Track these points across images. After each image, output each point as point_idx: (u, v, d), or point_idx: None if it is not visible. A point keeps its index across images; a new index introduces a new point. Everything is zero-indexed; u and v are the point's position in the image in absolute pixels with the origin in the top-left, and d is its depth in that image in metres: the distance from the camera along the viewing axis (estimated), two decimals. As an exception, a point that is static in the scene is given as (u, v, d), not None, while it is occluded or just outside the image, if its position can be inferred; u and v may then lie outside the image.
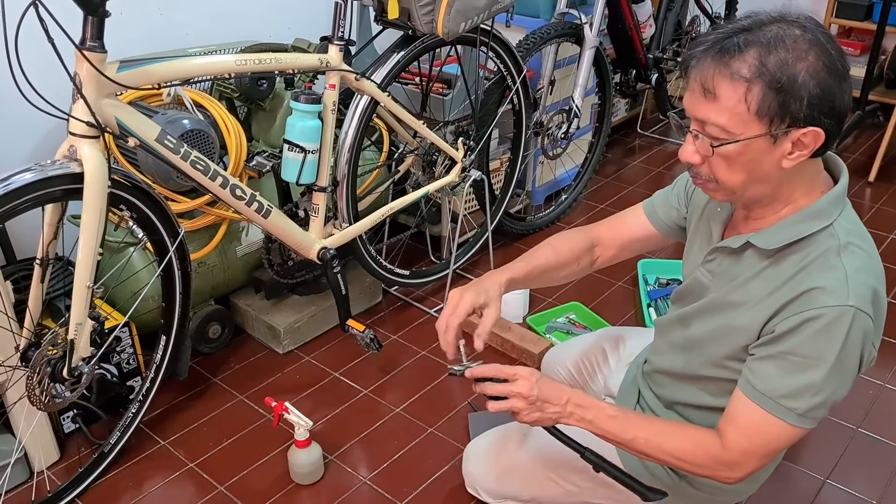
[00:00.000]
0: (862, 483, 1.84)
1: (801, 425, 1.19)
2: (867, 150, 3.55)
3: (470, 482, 1.72)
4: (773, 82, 1.07)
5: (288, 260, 2.24)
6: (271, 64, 1.82)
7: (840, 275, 1.14)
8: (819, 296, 1.14)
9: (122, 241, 2.01)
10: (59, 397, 1.66)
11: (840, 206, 1.21)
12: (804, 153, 1.12)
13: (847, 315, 1.13)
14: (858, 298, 1.13)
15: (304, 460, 1.84)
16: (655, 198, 1.56)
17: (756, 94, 1.08)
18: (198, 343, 2.21)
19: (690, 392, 1.41)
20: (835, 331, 1.13)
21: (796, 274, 1.18)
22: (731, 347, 1.28)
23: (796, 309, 1.16)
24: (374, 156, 2.43)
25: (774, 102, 1.08)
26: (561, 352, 1.96)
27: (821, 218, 1.19)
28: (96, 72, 1.49)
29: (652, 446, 1.29)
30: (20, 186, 1.45)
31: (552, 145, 2.82)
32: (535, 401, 1.29)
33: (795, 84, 1.07)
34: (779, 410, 1.18)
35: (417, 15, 2.03)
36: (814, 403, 1.17)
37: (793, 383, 1.17)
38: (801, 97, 1.07)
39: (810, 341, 1.15)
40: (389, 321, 2.46)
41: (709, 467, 1.26)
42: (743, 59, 1.08)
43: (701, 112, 1.13)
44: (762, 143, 1.11)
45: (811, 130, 1.09)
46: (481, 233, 2.69)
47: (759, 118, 1.09)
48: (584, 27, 2.71)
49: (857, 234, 1.21)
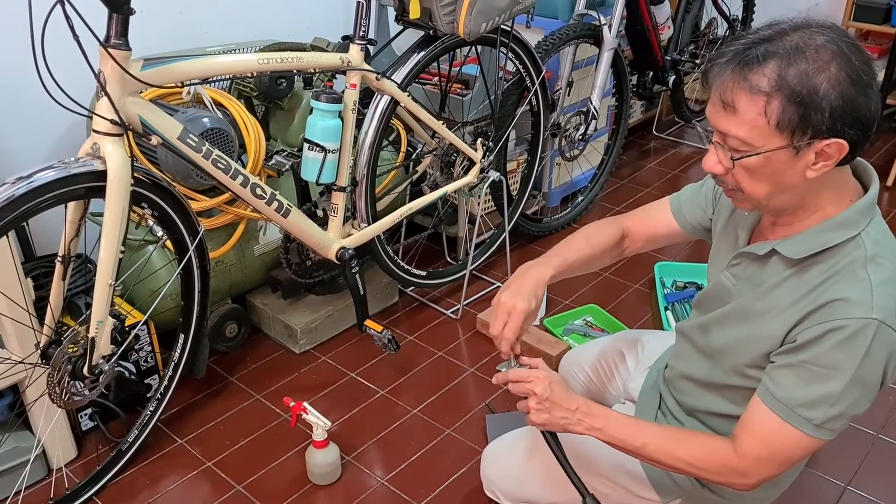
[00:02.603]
0: (883, 489, 1.82)
1: (818, 436, 1.18)
2: (885, 154, 3.52)
3: (488, 485, 1.71)
4: (793, 95, 1.05)
5: (306, 259, 2.24)
6: (293, 63, 1.81)
7: (865, 286, 1.13)
8: (843, 307, 1.12)
9: (142, 239, 2.01)
10: (78, 395, 1.66)
11: (869, 215, 1.19)
12: (829, 163, 1.10)
13: (870, 328, 1.11)
14: (883, 311, 1.11)
15: (321, 461, 1.83)
16: (682, 194, 1.54)
17: (776, 108, 1.06)
18: (215, 342, 2.21)
19: (713, 400, 1.40)
20: (856, 343, 1.12)
21: (821, 284, 1.17)
22: (752, 356, 1.26)
23: (819, 319, 1.14)
24: (392, 156, 2.42)
25: (795, 115, 1.06)
26: (578, 355, 1.95)
27: (849, 227, 1.17)
28: (121, 69, 1.48)
29: (663, 453, 1.28)
30: (43, 184, 1.45)
31: (569, 147, 2.81)
32: (545, 401, 1.31)
33: (816, 96, 1.05)
34: (795, 419, 1.17)
35: (439, 15, 2.03)
36: (831, 415, 1.16)
37: (811, 393, 1.16)
38: (822, 109, 1.05)
39: (831, 352, 1.13)
40: (405, 322, 2.46)
41: (722, 474, 1.24)
42: (762, 73, 1.07)
43: (721, 125, 1.12)
44: (784, 154, 1.10)
45: (834, 142, 1.07)
46: (498, 234, 2.69)
47: (780, 131, 1.08)
48: (602, 29, 2.70)
49: (885, 244, 1.19)
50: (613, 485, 1.49)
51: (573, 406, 1.31)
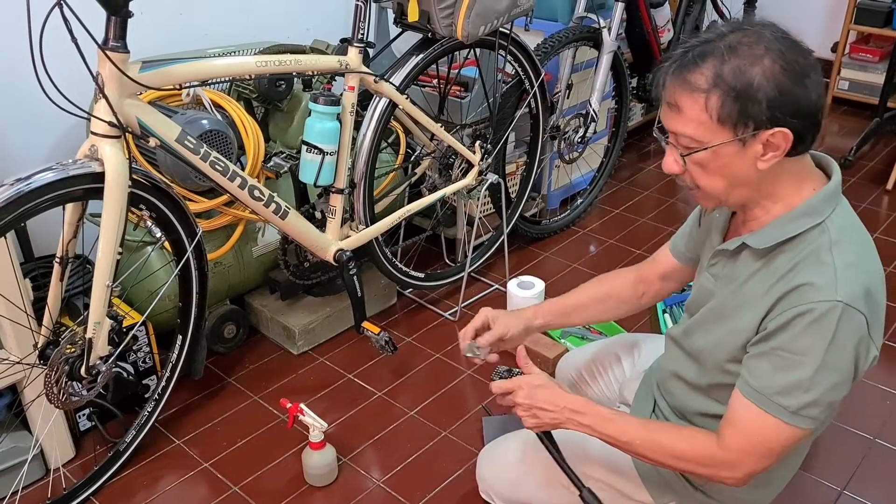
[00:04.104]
0: (879, 494, 1.82)
1: (796, 424, 1.19)
2: (885, 158, 3.52)
3: (483, 487, 1.72)
4: (729, 90, 1.11)
5: (304, 261, 2.24)
6: (291, 65, 1.82)
7: (830, 271, 1.16)
8: (809, 292, 1.15)
9: (140, 240, 2.01)
10: (76, 395, 1.67)
11: (833, 202, 1.22)
12: (777, 154, 1.15)
13: (835, 311, 1.13)
14: (848, 295, 1.14)
15: (318, 462, 1.84)
16: (677, 233, 1.61)
17: (715, 103, 1.12)
18: (213, 343, 2.21)
19: (701, 402, 1.41)
20: (822, 326, 1.14)
21: (789, 271, 1.20)
22: (731, 350, 1.29)
23: (787, 305, 1.17)
24: (390, 158, 2.43)
25: (734, 109, 1.12)
26: (575, 358, 1.96)
27: (813, 215, 1.20)
28: (119, 72, 1.49)
29: (649, 448, 1.30)
30: (42, 185, 1.46)
31: (568, 149, 2.82)
32: (530, 408, 1.36)
33: (752, 89, 1.10)
34: (771, 407, 1.19)
35: (437, 18, 2.03)
36: (805, 401, 1.17)
37: (784, 380, 1.18)
38: (759, 101, 1.11)
39: (799, 337, 1.16)
40: (403, 323, 2.46)
41: (708, 466, 1.26)
42: (700, 72, 1.13)
43: (671, 125, 1.19)
44: (731, 148, 1.15)
45: (778, 131, 1.12)
46: (496, 236, 2.69)
47: (723, 125, 1.13)
48: (602, 31, 2.70)
49: (850, 230, 1.22)
50: (607, 487, 1.49)
51: (560, 405, 1.35)
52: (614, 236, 2.95)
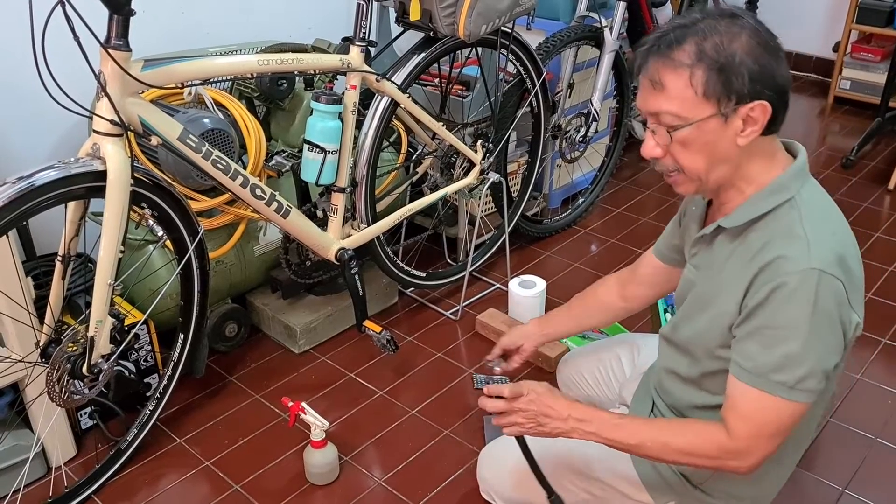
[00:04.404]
0: (881, 493, 1.82)
1: (795, 398, 1.20)
2: (886, 158, 3.52)
3: (485, 488, 1.72)
4: (713, 64, 1.15)
5: (305, 260, 2.24)
6: (293, 64, 1.82)
7: (802, 241, 1.18)
8: (783, 264, 1.18)
9: (141, 238, 2.01)
10: (77, 394, 1.67)
11: (801, 179, 1.25)
12: (756, 128, 1.18)
13: (811, 277, 1.15)
14: (821, 261, 1.16)
15: (319, 461, 1.84)
16: (659, 238, 1.64)
17: (700, 77, 1.16)
18: (214, 341, 2.21)
19: (696, 395, 1.42)
20: (802, 295, 1.16)
21: (762, 248, 1.22)
22: (719, 335, 1.30)
23: (764, 280, 1.19)
24: (392, 157, 2.43)
25: (718, 82, 1.15)
26: (577, 358, 1.96)
27: (782, 192, 1.23)
28: (121, 70, 1.49)
29: (659, 447, 1.30)
30: (44, 184, 1.46)
31: (570, 148, 2.81)
32: (535, 416, 1.34)
33: (734, 62, 1.15)
34: (769, 386, 1.20)
35: (439, 17, 2.03)
36: (800, 374, 1.18)
37: (775, 356, 1.19)
38: (741, 73, 1.15)
39: (781, 310, 1.18)
40: (405, 322, 2.46)
41: (719, 458, 1.26)
42: (682, 49, 1.17)
43: (653, 104, 1.21)
44: (714, 123, 1.18)
45: (758, 104, 1.16)
46: (498, 235, 2.69)
47: (707, 99, 1.16)
48: (603, 31, 2.70)
49: (819, 204, 1.25)
50: (608, 488, 1.50)
51: (564, 414, 1.34)
52: (616, 235, 2.95)
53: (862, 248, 2.83)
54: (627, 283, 1.73)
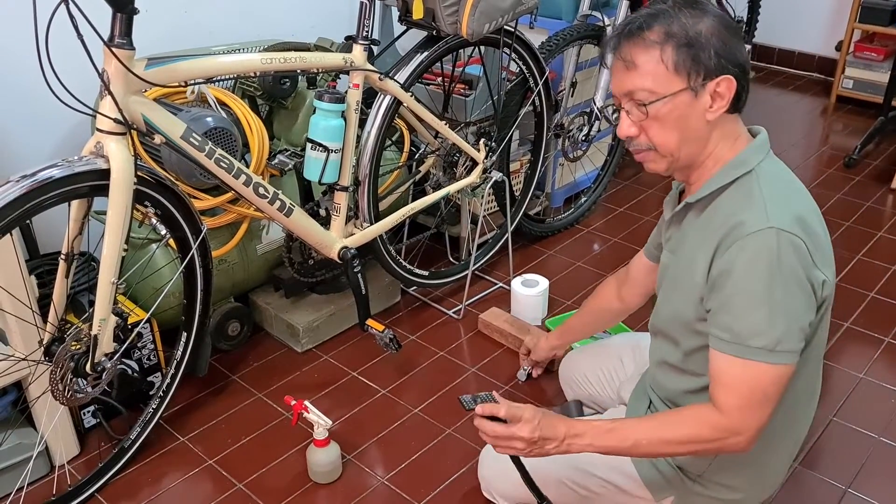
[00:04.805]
0: (884, 492, 1.82)
1: (778, 361, 1.22)
2: (889, 157, 3.51)
3: (486, 486, 1.73)
4: (681, 40, 1.23)
5: (308, 259, 2.24)
6: (296, 63, 1.82)
7: (759, 204, 1.24)
8: (742, 227, 1.22)
9: (145, 237, 2.02)
10: (81, 392, 1.67)
11: (761, 153, 1.31)
12: (723, 104, 1.26)
13: (769, 236, 1.20)
14: (779, 220, 1.21)
15: (322, 459, 1.84)
16: (650, 236, 1.70)
17: (670, 54, 1.24)
18: (217, 340, 2.21)
19: (684, 380, 1.43)
20: (763, 255, 1.20)
21: (724, 216, 1.27)
22: (693, 308, 1.33)
23: (727, 244, 1.24)
24: (394, 156, 2.43)
25: (687, 57, 1.23)
26: (579, 357, 1.97)
27: (743, 166, 1.29)
28: (124, 69, 1.49)
29: (655, 443, 1.31)
30: (47, 182, 1.46)
31: (573, 148, 2.81)
32: (537, 441, 1.34)
33: (701, 38, 1.23)
34: (750, 353, 1.22)
35: (442, 15, 2.03)
36: (777, 335, 1.20)
37: (750, 321, 1.21)
38: (707, 49, 1.23)
39: (746, 274, 1.21)
40: (407, 321, 2.46)
41: (717, 439, 1.27)
42: (651, 30, 1.25)
43: (627, 83, 1.27)
44: (685, 97, 1.25)
45: (724, 79, 1.24)
46: (500, 234, 2.69)
47: (678, 73, 1.24)
48: (606, 29, 2.70)
49: (777, 174, 1.31)
50: (607, 484, 1.50)
51: (560, 435, 1.35)
52: (618, 234, 2.95)
53: (864, 248, 2.85)
54: (622, 283, 1.79)
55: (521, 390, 2.16)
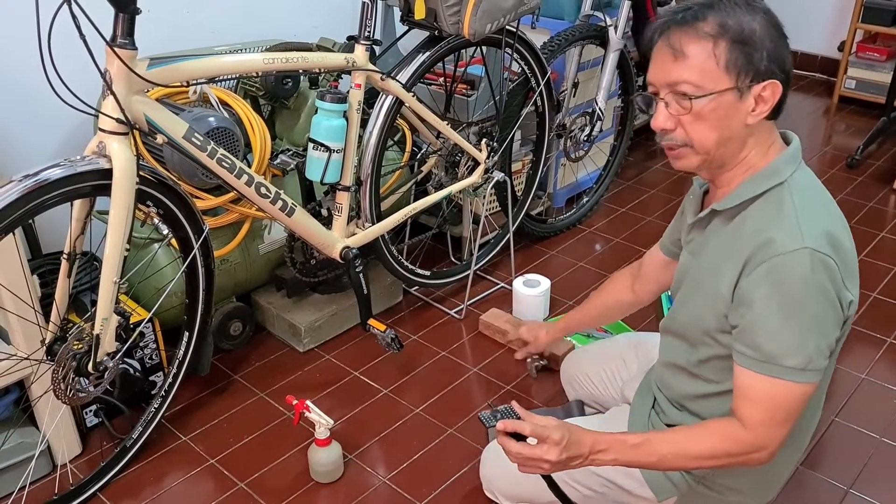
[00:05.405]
0: (886, 493, 1.82)
1: (807, 380, 1.21)
2: (892, 157, 3.51)
3: (487, 485, 1.73)
4: (736, 36, 1.17)
5: (310, 258, 2.25)
6: (298, 63, 1.82)
7: (792, 221, 1.20)
8: (774, 245, 1.19)
9: (147, 237, 2.02)
10: (83, 391, 1.67)
11: (794, 164, 1.27)
12: (765, 109, 1.21)
13: (803, 257, 1.17)
14: (812, 240, 1.18)
15: (324, 459, 1.84)
16: (666, 231, 1.66)
17: (723, 49, 1.18)
18: (219, 340, 2.22)
19: (693, 384, 1.43)
20: (796, 277, 1.17)
21: (754, 231, 1.23)
22: (714, 318, 1.31)
23: (756, 262, 1.20)
24: (396, 156, 2.43)
25: (741, 55, 1.18)
26: (582, 356, 1.96)
27: (775, 176, 1.25)
28: (127, 69, 1.50)
29: (681, 458, 1.31)
30: (50, 182, 1.46)
31: (574, 148, 2.81)
32: (563, 461, 1.31)
33: (755, 38, 1.18)
34: (779, 372, 1.20)
35: (444, 15, 2.03)
36: (808, 354, 1.19)
37: (780, 341, 1.19)
38: (760, 50, 1.18)
39: (777, 295, 1.19)
40: (409, 321, 2.47)
41: (741, 454, 1.27)
42: (706, 21, 1.19)
43: (673, 74, 1.21)
44: (730, 97, 1.20)
45: (770, 83, 1.19)
46: (502, 234, 2.69)
47: (728, 72, 1.18)
48: (608, 30, 2.70)
49: (810, 187, 1.27)
50: (610, 484, 1.50)
51: (585, 452, 1.32)
52: (620, 235, 2.95)
53: (867, 248, 2.84)
54: (636, 277, 1.76)
55: (524, 391, 2.16)
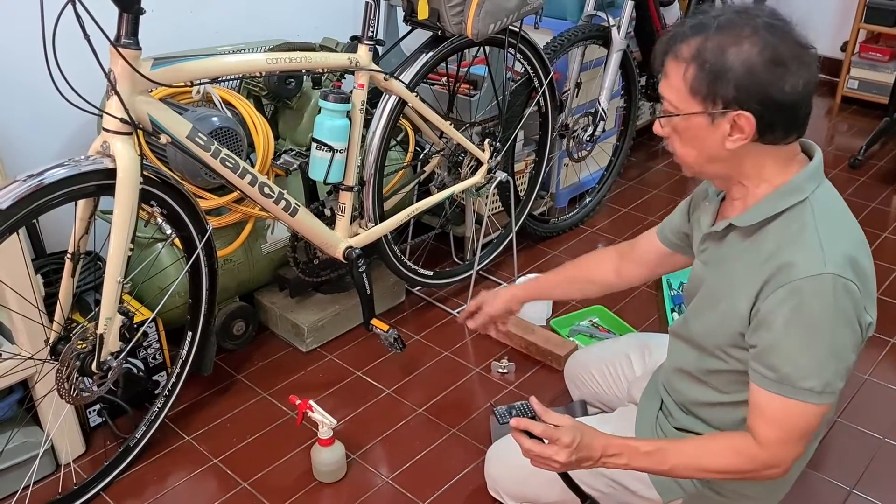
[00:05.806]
0: (889, 494, 1.82)
1: (824, 401, 1.20)
2: (894, 158, 3.51)
3: (492, 485, 1.73)
4: (703, 64, 1.17)
5: (313, 258, 2.25)
6: (301, 63, 1.82)
7: (815, 245, 1.18)
8: (796, 269, 1.18)
9: (150, 236, 2.02)
10: (86, 391, 1.67)
11: (815, 181, 1.25)
12: (743, 136, 1.19)
13: (825, 282, 1.16)
14: (835, 265, 1.16)
15: (327, 458, 1.84)
16: (665, 220, 1.65)
17: (690, 74, 1.18)
18: (222, 340, 2.22)
19: (702, 391, 1.42)
20: (818, 302, 1.16)
21: (774, 251, 1.22)
22: (730, 335, 1.30)
23: (776, 284, 1.19)
24: (399, 156, 2.43)
25: (704, 83, 1.17)
26: (585, 355, 1.96)
27: (795, 193, 1.23)
28: (131, 69, 1.50)
29: (692, 470, 1.32)
30: (54, 181, 1.46)
31: (577, 148, 2.81)
32: (574, 462, 1.32)
33: (724, 67, 1.15)
34: (797, 394, 1.20)
35: (447, 16, 2.03)
36: (827, 377, 1.19)
37: (800, 365, 1.19)
38: (728, 80, 1.15)
39: (799, 319, 1.17)
40: (412, 321, 2.47)
41: (753, 470, 1.27)
42: (687, 44, 1.19)
43: (662, 89, 1.25)
44: (701, 120, 1.20)
45: (742, 114, 1.16)
46: (505, 234, 2.69)
47: (694, 96, 1.19)
48: (611, 30, 2.70)
49: (832, 207, 1.25)
50: (616, 485, 1.50)
51: (597, 454, 1.33)
52: (623, 235, 2.95)
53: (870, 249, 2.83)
54: (624, 258, 1.71)
55: (527, 391, 2.16)
